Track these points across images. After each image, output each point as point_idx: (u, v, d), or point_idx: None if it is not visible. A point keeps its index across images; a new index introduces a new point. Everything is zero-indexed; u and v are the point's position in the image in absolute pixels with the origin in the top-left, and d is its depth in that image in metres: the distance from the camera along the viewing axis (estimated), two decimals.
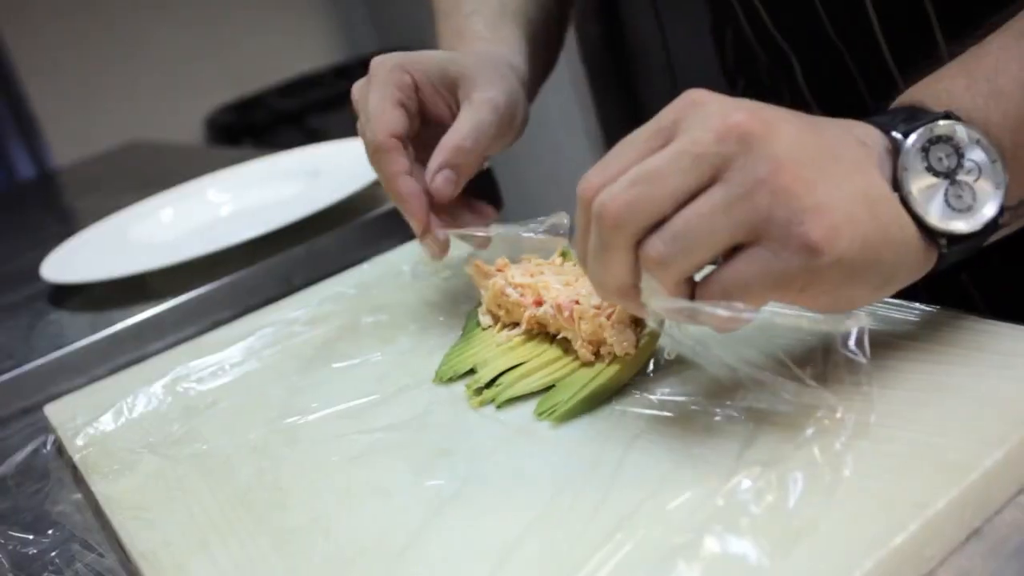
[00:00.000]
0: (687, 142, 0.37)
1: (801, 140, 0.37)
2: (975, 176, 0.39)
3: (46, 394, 0.68)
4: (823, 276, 0.37)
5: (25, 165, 2.59)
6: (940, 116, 0.40)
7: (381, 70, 0.56)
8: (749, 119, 0.36)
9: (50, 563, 0.48)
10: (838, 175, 0.37)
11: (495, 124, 0.56)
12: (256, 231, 0.79)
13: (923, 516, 0.33)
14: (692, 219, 0.37)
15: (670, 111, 0.39)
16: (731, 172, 0.36)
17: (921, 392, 0.40)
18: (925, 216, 0.39)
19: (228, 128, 2.79)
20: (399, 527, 0.41)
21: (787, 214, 0.36)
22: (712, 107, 0.38)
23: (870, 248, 0.37)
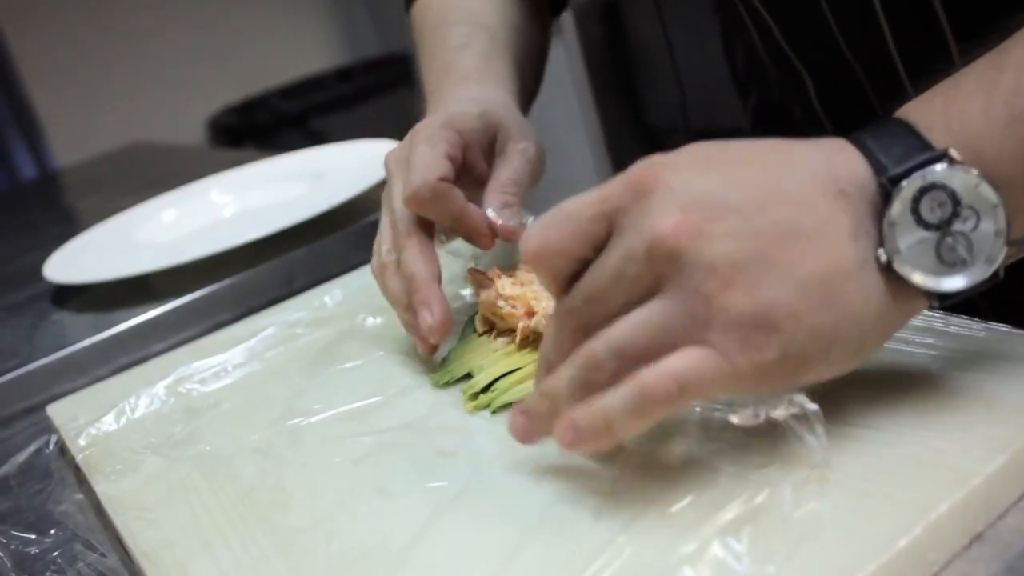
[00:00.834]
0: (622, 257, 0.36)
1: (747, 230, 0.35)
2: (972, 224, 0.36)
3: (49, 394, 0.68)
4: (771, 372, 0.35)
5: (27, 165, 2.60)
6: (939, 156, 0.36)
7: (430, 129, 0.56)
8: (678, 230, 0.35)
9: (52, 563, 0.48)
10: (792, 259, 0.35)
11: (529, 172, 0.58)
12: (259, 233, 0.79)
13: (926, 520, 0.33)
14: (633, 330, 0.36)
15: (617, 192, 0.37)
16: (667, 288, 0.35)
17: (925, 396, 0.40)
18: (909, 277, 0.36)
19: (230, 130, 2.80)
20: (402, 528, 0.41)
21: (725, 320, 0.34)
22: (653, 204, 0.36)
23: (822, 337, 0.35)
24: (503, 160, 0.57)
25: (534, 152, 0.58)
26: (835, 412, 0.40)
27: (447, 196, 0.53)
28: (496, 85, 0.65)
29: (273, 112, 2.80)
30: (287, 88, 2.88)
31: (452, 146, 0.55)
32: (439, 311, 0.51)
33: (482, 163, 0.58)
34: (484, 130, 0.58)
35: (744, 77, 0.75)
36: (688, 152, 0.38)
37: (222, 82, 2.88)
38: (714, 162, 0.37)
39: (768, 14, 0.62)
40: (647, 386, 0.35)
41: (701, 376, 0.35)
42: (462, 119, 0.57)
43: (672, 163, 0.37)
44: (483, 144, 0.58)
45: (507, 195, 0.56)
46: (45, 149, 2.63)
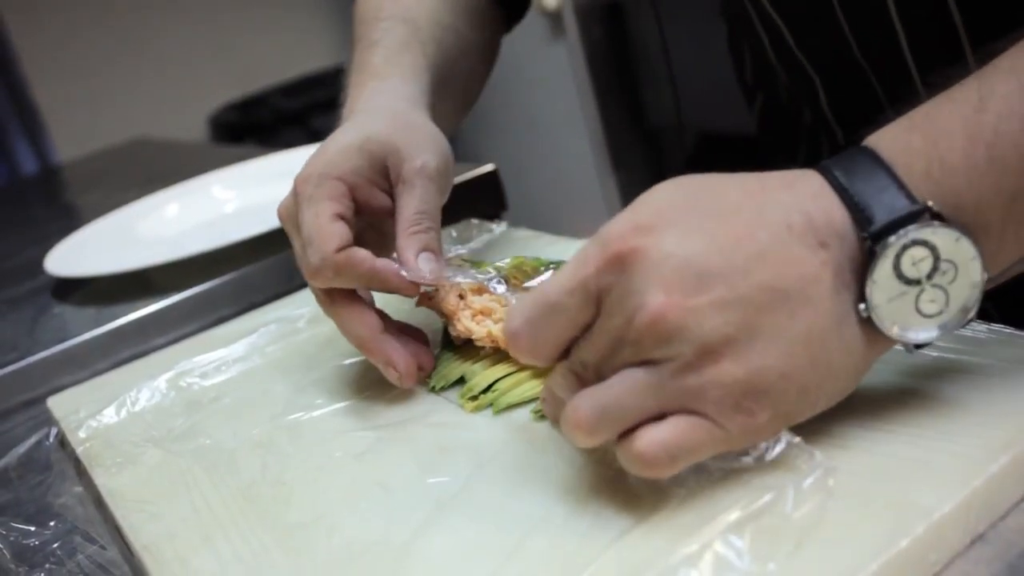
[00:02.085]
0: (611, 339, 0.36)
1: (732, 298, 0.35)
2: (951, 278, 0.36)
3: (49, 387, 0.68)
4: (762, 431, 0.36)
5: (29, 160, 2.60)
6: (922, 211, 0.35)
7: (306, 186, 0.52)
8: (665, 311, 0.34)
9: (52, 555, 0.48)
10: (777, 322, 0.35)
11: (436, 191, 0.53)
12: (261, 228, 0.79)
13: (928, 520, 0.33)
14: (619, 395, 0.36)
15: (596, 270, 0.36)
16: (657, 360, 0.35)
17: (926, 396, 0.40)
18: (888, 331, 0.36)
19: (231, 127, 2.80)
20: (402, 524, 0.41)
21: (718, 391, 0.34)
22: (635, 282, 0.35)
23: (809, 392, 0.36)
24: (404, 190, 0.52)
25: (433, 166, 0.53)
26: (837, 413, 0.40)
27: (350, 265, 0.49)
28: (401, 80, 0.61)
29: (274, 110, 2.79)
30: (288, 86, 2.88)
31: (338, 201, 0.51)
32: (402, 363, 0.50)
33: (378, 196, 0.54)
34: (369, 165, 0.53)
35: (751, 79, 0.74)
36: (660, 207, 0.37)
37: (223, 79, 2.87)
38: (690, 220, 0.36)
39: (779, 16, 0.62)
40: (638, 452, 0.35)
41: (693, 445, 0.35)
42: (341, 162, 0.53)
43: (646, 227, 0.36)
44: (373, 178, 0.53)
45: (418, 236, 0.51)
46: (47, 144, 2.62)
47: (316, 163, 0.53)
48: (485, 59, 0.76)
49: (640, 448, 0.35)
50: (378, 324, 0.51)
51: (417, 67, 0.63)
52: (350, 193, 0.52)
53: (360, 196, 0.53)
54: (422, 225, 0.52)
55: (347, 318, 0.51)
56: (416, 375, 0.51)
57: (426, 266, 0.51)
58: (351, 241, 0.50)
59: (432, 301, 0.55)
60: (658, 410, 0.35)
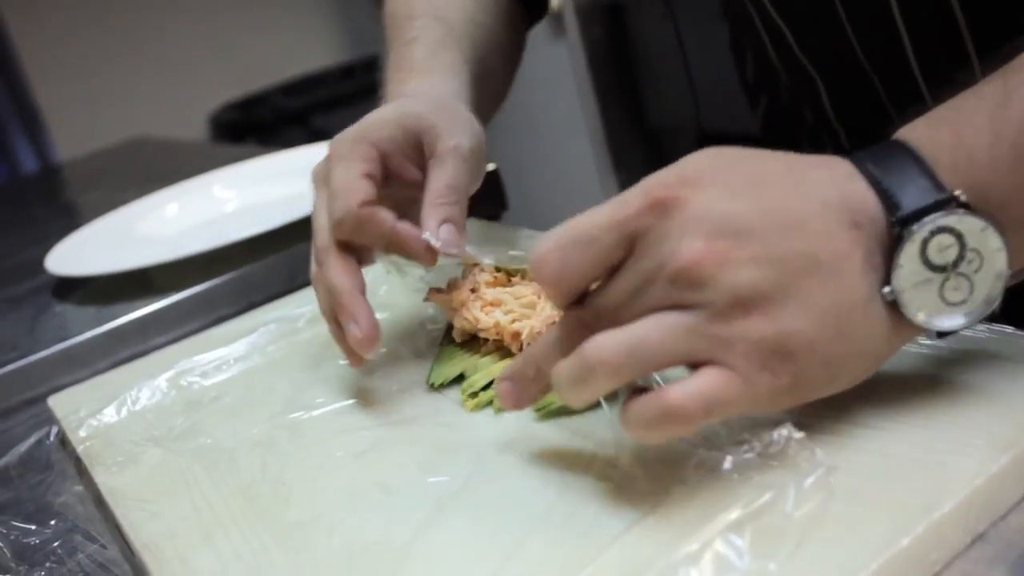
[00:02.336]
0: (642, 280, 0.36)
1: (769, 257, 0.35)
2: (976, 267, 0.37)
3: (49, 386, 0.68)
4: (784, 396, 0.36)
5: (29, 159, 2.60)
6: (949, 200, 0.36)
7: (343, 146, 0.53)
8: (704, 258, 0.34)
9: (52, 553, 0.48)
10: (809, 290, 0.35)
11: (467, 171, 0.54)
12: (261, 227, 0.79)
13: (928, 520, 0.33)
14: (648, 331, 0.35)
15: (636, 211, 0.36)
16: (687, 307, 0.35)
17: (927, 396, 0.40)
18: (912, 316, 0.37)
19: (232, 126, 2.79)
20: (402, 523, 0.41)
21: (747, 345, 0.35)
22: (675, 228, 0.35)
23: (831, 365, 0.36)
24: (436, 164, 0.53)
25: (467, 147, 0.54)
26: (838, 412, 0.40)
27: (371, 220, 0.50)
28: (442, 76, 0.62)
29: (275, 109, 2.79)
30: (289, 85, 2.88)
31: (368, 162, 0.52)
32: (365, 324, 0.49)
33: (410, 169, 0.55)
34: (404, 136, 0.54)
35: (754, 81, 0.74)
36: (704, 166, 0.37)
37: (224, 78, 2.87)
38: (733, 181, 0.37)
39: (781, 19, 0.62)
40: (673, 403, 0.35)
41: (727, 398, 0.35)
42: (377, 129, 0.54)
43: (691, 180, 0.36)
44: (406, 150, 0.54)
45: (444, 206, 0.52)
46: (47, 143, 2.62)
47: (353, 128, 0.55)
48: (514, 55, 0.77)
49: (676, 399, 0.35)
50: (361, 283, 0.51)
51: (456, 64, 0.64)
52: (382, 160, 0.53)
53: (392, 165, 0.54)
54: (449, 198, 0.52)
55: (336, 268, 0.51)
56: (373, 346, 0.50)
57: (446, 235, 0.51)
58: (375, 200, 0.51)
59: (441, 295, 0.55)
60: (685, 357, 0.35)
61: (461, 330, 0.54)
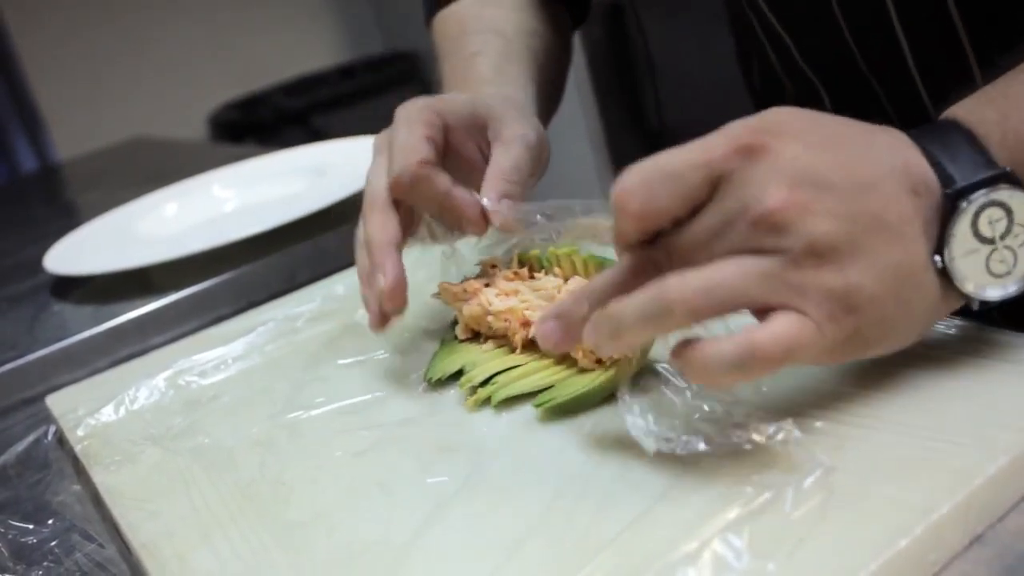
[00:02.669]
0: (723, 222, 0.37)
1: (845, 213, 0.36)
2: (1022, 240, 0.39)
3: (48, 385, 0.68)
4: (843, 348, 0.38)
5: (28, 159, 2.59)
6: (1001, 175, 0.38)
7: (409, 110, 0.54)
8: (787, 205, 0.36)
9: (50, 553, 0.48)
10: (877, 246, 0.37)
11: (530, 160, 0.55)
12: (261, 227, 0.79)
13: (927, 521, 0.33)
14: (725, 276, 0.36)
15: (722, 153, 0.37)
16: (764, 252, 0.36)
17: (928, 397, 0.40)
18: (961, 285, 0.38)
19: (232, 126, 2.79)
20: (402, 523, 0.41)
21: (819, 293, 0.36)
22: (760, 173, 0.36)
23: (886, 324, 0.38)
24: (501, 147, 0.55)
25: (534, 138, 0.56)
26: (837, 412, 0.40)
27: (429, 179, 0.51)
28: (512, 88, 0.64)
29: (275, 109, 2.79)
30: (289, 85, 2.88)
31: (432, 128, 0.53)
32: (392, 274, 0.49)
33: (471, 148, 0.56)
34: (471, 116, 0.55)
35: (760, 90, 0.74)
36: (786, 119, 0.38)
37: (224, 78, 2.87)
38: (814, 137, 0.38)
39: (783, 30, 0.62)
40: (759, 346, 0.35)
41: (805, 343, 0.36)
42: (447, 102, 0.55)
43: (775, 130, 0.37)
44: (471, 129, 0.56)
45: (508, 184, 0.53)
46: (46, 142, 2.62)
47: (424, 98, 0.56)
48: (565, 59, 0.78)
49: (764, 341, 0.35)
50: (397, 238, 0.51)
51: (522, 77, 0.66)
52: (445, 131, 0.54)
53: (453, 139, 0.55)
54: (512, 177, 0.53)
55: (375, 221, 0.52)
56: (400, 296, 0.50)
57: (504, 208, 0.52)
58: (435, 161, 0.52)
59: (451, 290, 0.55)
60: (762, 300, 0.36)
61: (468, 320, 0.54)
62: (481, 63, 0.66)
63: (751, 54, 0.73)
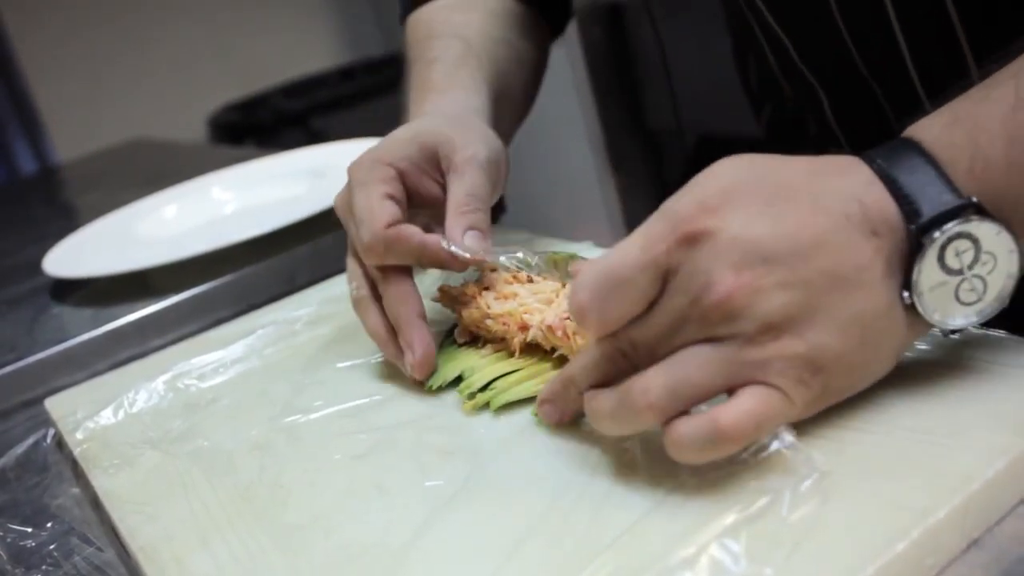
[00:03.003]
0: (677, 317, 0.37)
1: (795, 280, 0.36)
2: (990, 268, 0.38)
3: (47, 388, 0.68)
4: (815, 404, 0.38)
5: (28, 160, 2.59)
6: (967, 206, 0.37)
7: (361, 170, 0.54)
8: (734, 291, 0.36)
9: (48, 556, 0.48)
10: (834, 304, 0.37)
11: (486, 179, 0.55)
12: (260, 230, 0.79)
13: (924, 525, 0.33)
14: (688, 370, 0.37)
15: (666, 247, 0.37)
16: (721, 337, 0.36)
17: (923, 400, 0.40)
18: (930, 317, 0.38)
19: (231, 128, 2.79)
20: (400, 526, 0.41)
21: (781, 363, 0.36)
22: (703, 261, 0.36)
23: (856, 371, 0.38)
24: (454, 176, 0.54)
25: (485, 154, 0.55)
26: (834, 415, 0.40)
27: (400, 239, 0.51)
28: (462, 93, 0.63)
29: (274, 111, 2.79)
30: (289, 87, 2.88)
31: (388, 183, 0.53)
32: (420, 350, 0.51)
33: (429, 185, 0.56)
34: (420, 153, 0.55)
35: (757, 90, 0.74)
36: (726, 186, 0.38)
37: (224, 80, 2.87)
38: (755, 202, 0.37)
39: (782, 31, 0.62)
40: (725, 426, 0.36)
41: (773, 413, 0.36)
42: (393, 150, 0.55)
43: (714, 207, 0.37)
44: (424, 167, 0.55)
45: (468, 215, 0.53)
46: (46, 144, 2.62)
47: (369, 152, 0.56)
48: (537, 69, 0.78)
49: (730, 422, 0.35)
50: (419, 308, 0.52)
51: (475, 80, 0.65)
52: (401, 179, 0.54)
53: (410, 183, 0.55)
54: (470, 206, 0.53)
55: (394, 295, 0.52)
56: (428, 367, 0.52)
57: (472, 243, 0.52)
58: (401, 219, 0.52)
59: (451, 293, 0.55)
60: (725, 385, 0.37)
61: (466, 324, 0.54)
62: (436, 70, 0.66)
63: (748, 55, 0.73)
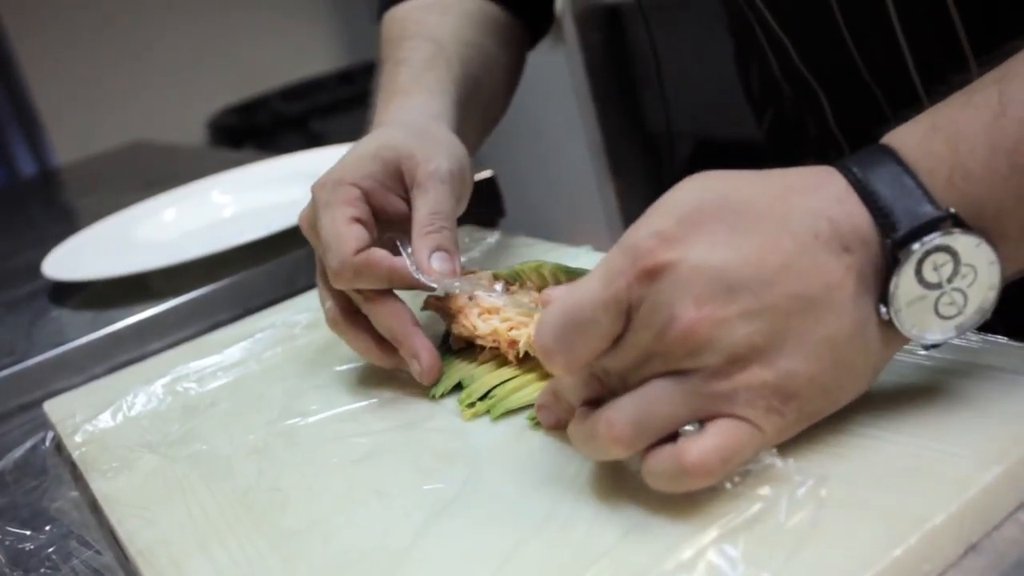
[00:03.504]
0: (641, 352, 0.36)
1: (760, 307, 0.35)
2: (970, 281, 0.37)
3: (45, 391, 0.68)
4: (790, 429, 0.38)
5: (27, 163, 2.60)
6: (945, 218, 0.36)
7: (325, 191, 0.53)
8: (696, 324, 0.35)
9: (47, 559, 0.48)
10: (803, 328, 0.36)
11: (450, 193, 0.54)
12: (259, 233, 0.79)
13: (921, 530, 0.33)
14: (653, 405, 0.36)
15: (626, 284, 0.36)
16: (688, 370, 0.36)
17: (923, 406, 0.40)
18: (908, 332, 0.37)
19: (231, 131, 2.79)
20: (399, 530, 0.41)
21: (750, 394, 0.35)
22: (664, 295, 0.35)
23: (831, 393, 0.38)
24: (418, 193, 0.54)
25: (447, 168, 0.54)
26: (832, 422, 0.40)
27: (368, 265, 0.51)
28: (425, 96, 0.62)
29: (274, 113, 2.79)
30: (288, 90, 2.88)
31: (353, 205, 0.52)
32: (426, 356, 0.51)
33: (395, 202, 0.55)
34: (383, 170, 0.54)
35: (758, 94, 0.74)
36: (687, 212, 0.37)
37: (223, 83, 2.87)
38: (718, 228, 0.36)
39: (784, 34, 0.62)
40: (689, 463, 0.35)
41: (740, 446, 0.36)
42: (355, 169, 0.54)
43: (675, 237, 0.36)
44: (388, 184, 0.55)
45: (432, 235, 0.52)
46: (45, 146, 2.62)
47: (332, 171, 0.55)
48: (510, 74, 0.77)
49: (694, 459, 0.35)
50: (410, 317, 0.52)
51: (442, 83, 0.64)
52: (365, 198, 0.54)
53: (375, 201, 0.54)
54: (435, 225, 0.53)
55: (381, 312, 0.52)
56: (438, 370, 0.52)
57: (439, 265, 0.52)
58: (369, 243, 0.52)
59: (438, 303, 0.55)
60: (691, 417, 0.36)
61: (459, 336, 0.54)
62: (402, 72, 0.65)
63: (750, 58, 0.73)
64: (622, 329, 0.37)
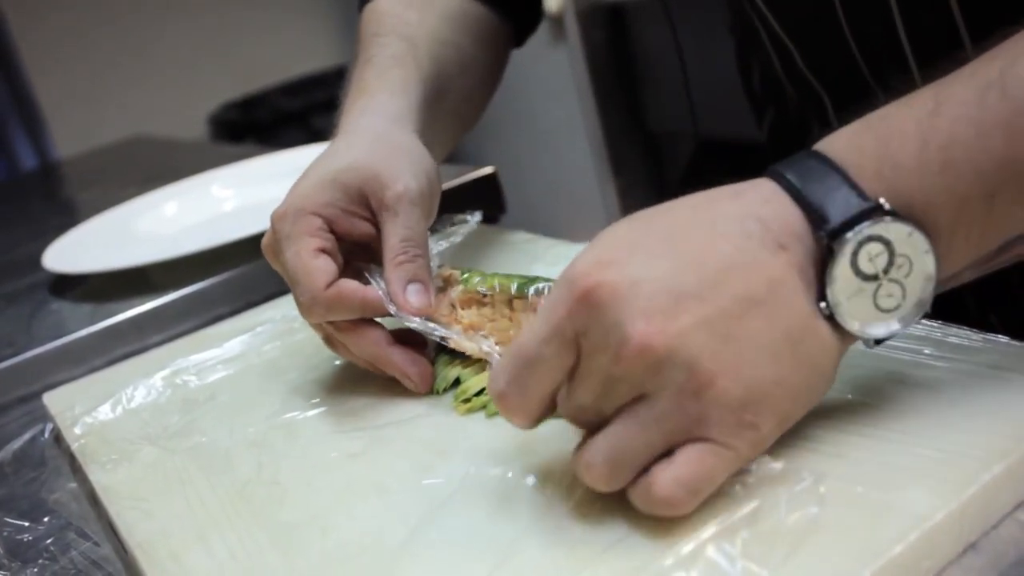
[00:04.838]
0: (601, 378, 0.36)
1: (710, 313, 0.35)
2: (906, 271, 0.37)
3: (45, 383, 0.68)
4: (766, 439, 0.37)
5: (28, 156, 2.60)
6: (875, 208, 0.36)
7: (284, 225, 0.51)
8: (648, 338, 0.34)
9: (45, 550, 0.48)
10: (758, 329, 0.35)
11: (419, 214, 0.52)
12: (259, 227, 0.79)
13: (921, 528, 0.33)
14: (626, 439, 0.36)
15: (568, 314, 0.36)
16: (652, 390, 0.35)
17: (921, 405, 0.40)
18: (849, 327, 0.37)
19: (231, 126, 2.80)
20: (397, 525, 0.41)
21: (719, 411, 0.35)
22: (611, 317, 0.35)
23: (800, 393, 0.37)
24: (387, 217, 0.52)
25: (416, 188, 0.52)
26: (831, 421, 0.40)
27: (340, 299, 0.50)
28: (388, 95, 0.60)
29: (274, 109, 2.80)
30: (289, 85, 2.88)
31: (318, 236, 0.51)
32: (415, 371, 0.51)
33: (360, 225, 0.53)
34: (345, 195, 0.52)
35: (760, 94, 0.74)
36: (616, 241, 0.37)
37: (224, 78, 2.88)
38: (650, 243, 0.36)
39: (787, 35, 0.62)
40: (659, 495, 0.35)
41: (709, 473, 0.35)
42: (315, 196, 0.52)
43: (608, 260, 0.36)
44: (350, 207, 0.53)
45: (405, 266, 0.51)
46: (46, 140, 2.62)
47: (292, 199, 0.53)
48: (489, 76, 0.75)
49: (660, 492, 0.35)
50: (386, 338, 0.52)
51: (407, 81, 0.62)
52: (328, 226, 0.52)
53: (339, 228, 0.53)
54: (408, 254, 0.51)
55: (356, 340, 0.52)
56: (430, 377, 0.52)
57: (415, 299, 0.51)
58: (337, 274, 0.51)
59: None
60: (666, 445, 0.35)
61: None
62: (368, 70, 0.63)
63: (751, 60, 0.73)
64: (573, 360, 0.36)
